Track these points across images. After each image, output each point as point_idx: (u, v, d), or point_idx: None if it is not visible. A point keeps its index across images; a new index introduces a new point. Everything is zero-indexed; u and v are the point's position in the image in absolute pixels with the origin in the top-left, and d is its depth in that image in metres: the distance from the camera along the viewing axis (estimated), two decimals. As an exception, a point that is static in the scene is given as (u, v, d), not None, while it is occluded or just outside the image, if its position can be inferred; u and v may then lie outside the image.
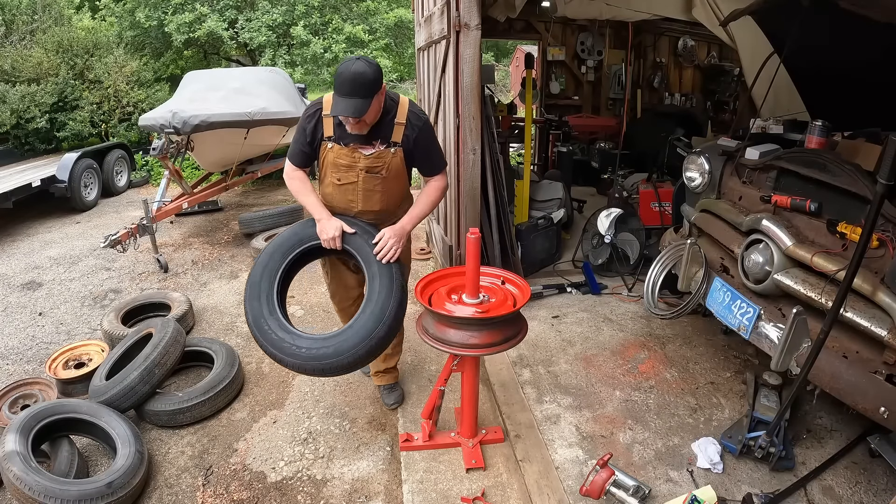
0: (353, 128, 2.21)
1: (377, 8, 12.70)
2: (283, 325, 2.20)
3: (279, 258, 2.33)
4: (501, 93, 20.40)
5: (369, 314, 2.19)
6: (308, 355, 2.13)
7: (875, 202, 1.62)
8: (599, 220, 4.27)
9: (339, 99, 2.10)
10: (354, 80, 2.06)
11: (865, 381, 1.90)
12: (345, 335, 2.16)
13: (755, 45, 3.72)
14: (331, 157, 2.32)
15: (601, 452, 2.36)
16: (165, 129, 4.92)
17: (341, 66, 2.11)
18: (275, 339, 2.17)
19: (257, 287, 2.26)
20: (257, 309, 2.22)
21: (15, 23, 9.36)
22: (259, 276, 2.29)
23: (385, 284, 2.23)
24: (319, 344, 2.15)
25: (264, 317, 2.21)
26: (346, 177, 2.34)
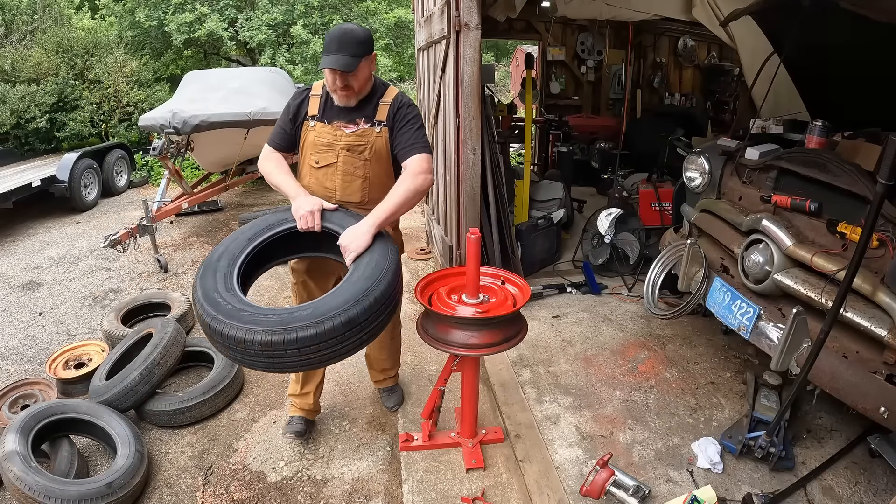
0: (340, 96, 2.11)
1: (377, 8, 12.70)
2: (242, 300, 1.82)
3: (244, 241, 2.04)
4: (501, 93, 20.40)
5: (357, 278, 1.86)
6: (276, 322, 1.70)
7: (875, 202, 1.62)
8: (599, 220, 4.27)
9: (327, 56, 2.01)
10: (343, 37, 1.99)
11: (865, 381, 1.89)
12: (325, 298, 1.81)
13: (755, 45, 3.72)
14: (311, 138, 2.19)
15: (601, 452, 2.36)
16: (165, 129, 4.93)
17: (332, 27, 2.08)
18: (230, 308, 1.75)
19: (213, 266, 1.93)
20: (210, 284, 1.85)
21: (15, 23, 9.37)
22: (217, 256, 1.98)
23: (376, 254, 1.95)
24: (291, 312, 1.76)
25: (218, 290, 1.82)
26: (325, 157, 2.19)
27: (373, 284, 1.83)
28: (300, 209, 2.05)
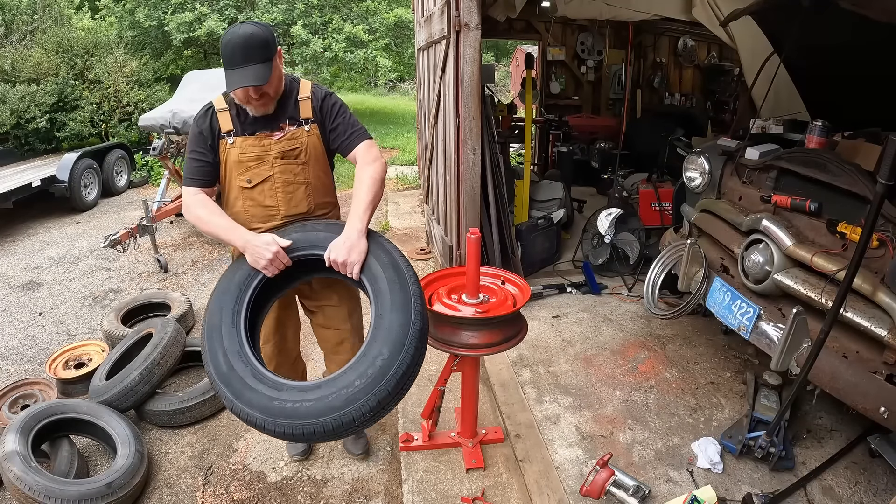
0: (257, 106, 1.86)
1: (377, 8, 12.71)
2: (256, 372, 1.66)
3: (235, 291, 1.81)
4: (501, 93, 20.41)
5: (387, 327, 1.64)
6: (294, 412, 1.54)
7: (875, 202, 1.62)
8: (599, 220, 4.27)
9: (233, 72, 1.75)
10: (247, 44, 1.73)
11: (865, 381, 1.89)
12: (351, 370, 1.60)
13: (755, 45, 3.72)
14: (234, 156, 1.91)
15: (601, 452, 2.36)
16: (165, 129, 4.93)
17: (226, 34, 1.77)
18: (247, 391, 1.62)
19: (217, 327, 1.76)
20: (219, 355, 1.72)
21: (15, 23, 9.37)
22: (217, 314, 1.79)
23: (390, 271, 1.76)
24: (317, 393, 1.58)
25: (229, 359, 1.70)
26: (258, 173, 1.93)
27: (411, 323, 1.64)
28: (259, 258, 1.78)
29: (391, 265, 1.77)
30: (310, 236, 1.85)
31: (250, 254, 1.80)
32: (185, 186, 1.95)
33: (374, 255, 1.79)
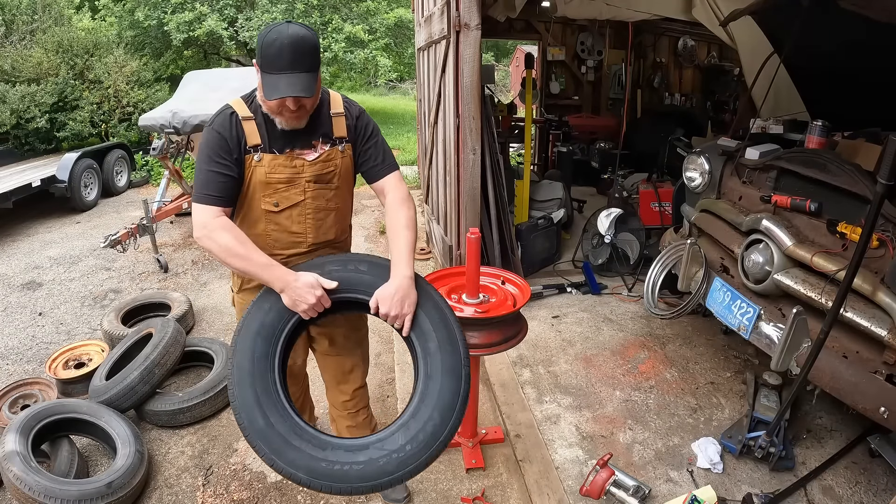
0: (289, 119, 1.62)
1: (377, 8, 12.71)
2: (295, 426, 1.53)
3: (264, 341, 1.59)
4: (501, 93, 20.41)
5: (440, 392, 1.55)
6: (343, 475, 1.46)
7: (875, 202, 1.62)
8: (599, 220, 4.27)
9: (278, 77, 1.51)
10: (297, 48, 1.50)
11: (865, 381, 1.90)
12: (399, 434, 1.52)
13: (755, 45, 3.72)
14: (260, 175, 1.66)
15: (601, 452, 2.36)
16: (165, 129, 4.93)
17: (270, 32, 1.52)
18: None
19: (248, 378, 1.55)
20: (253, 408, 1.52)
21: (15, 23, 9.37)
22: (249, 364, 1.57)
23: (442, 329, 1.63)
24: (366, 454, 1.49)
25: (265, 413, 1.52)
26: (288, 197, 1.71)
27: (461, 388, 1.58)
28: (300, 302, 1.56)
29: (442, 323, 1.64)
30: (353, 278, 1.65)
31: (290, 296, 1.57)
32: (200, 204, 1.60)
33: (424, 308, 1.66)
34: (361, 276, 1.66)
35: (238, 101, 1.70)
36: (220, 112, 1.68)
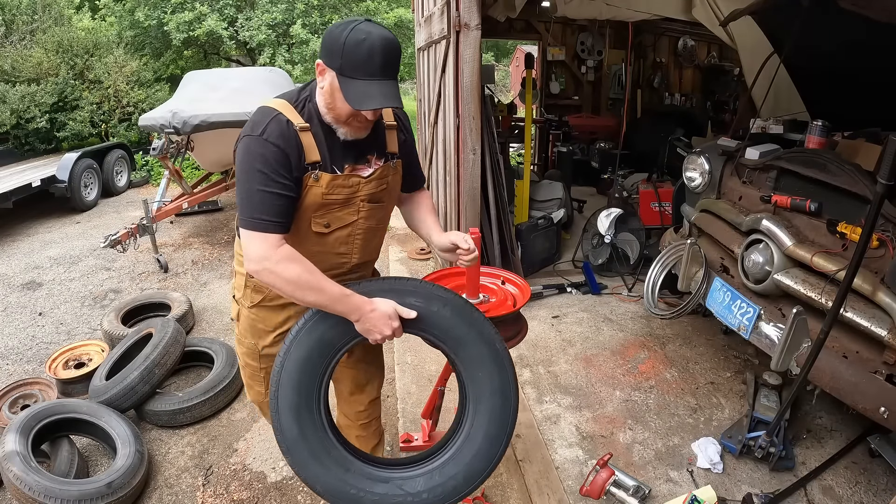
0: (357, 130, 1.47)
1: (377, 8, 12.70)
2: (367, 472, 1.54)
3: (311, 368, 1.52)
4: (501, 93, 20.42)
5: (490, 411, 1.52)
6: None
7: (875, 202, 1.62)
8: (599, 220, 4.28)
9: (367, 84, 1.33)
10: (389, 51, 1.34)
11: (865, 381, 1.90)
12: (450, 463, 1.53)
13: (755, 45, 3.72)
14: (316, 196, 1.47)
15: (601, 452, 2.36)
16: (165, 129, 4.92)
17: (353, 31, 1.32)
18: (375, 499, 1.51)
19: (295, 410, 1.52)
20: (320, 472, 1.51)
21: (15, 23, 9.37)
22: (294, 393, 1.52)
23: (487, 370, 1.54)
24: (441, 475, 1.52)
25: (341, 479, 1.51)
26: (341, 218, 1.55)
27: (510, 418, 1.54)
28: (374, 332, 1.46)
29: (501, 380, 1.54)
30: (432, 317, 1.51)
31: (364, 325, 1.45)
32: (256, 232, 1.39)
33: (480, 353, 1.58)
34: (441, 320, 1.51)
35: (284, 103, 1.45)
36: (270, 118, 1.41)
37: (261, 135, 1.39)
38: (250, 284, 1.67)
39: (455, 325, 1.51)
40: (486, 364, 1.52)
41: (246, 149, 1.42)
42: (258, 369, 1.82)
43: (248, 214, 1.40)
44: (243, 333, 1.79)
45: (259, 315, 1.72)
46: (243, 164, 1.42)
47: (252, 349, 1.78)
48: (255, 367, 1.82)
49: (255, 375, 1.85)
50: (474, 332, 1.52)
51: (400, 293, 1.50)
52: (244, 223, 1.41)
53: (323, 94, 1.42)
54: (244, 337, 1.79)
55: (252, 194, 1.40)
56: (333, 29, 1.37)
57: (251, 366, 1.83)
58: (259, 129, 1.40)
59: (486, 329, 1.53)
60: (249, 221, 1.40)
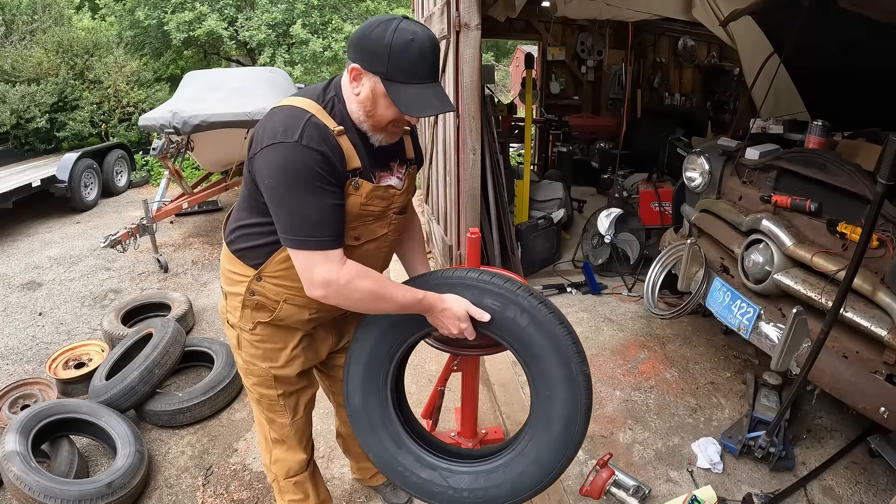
0: (393, 136, 1.39)
1: (377, 8, 12.69)
2: (418, 455, 1.57)
3: (379, 362, 1.55)
4: (501, 93, 20.41)
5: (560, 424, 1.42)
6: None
7: (875, 202, 1.62)
8: (599, 220, 4.28)
9: (420, 88, 1.25)
10: (436, 53, 1.27)
11: (865, 381, 1.90)
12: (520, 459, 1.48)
13: (755, 45, 3.72)
14: (354, 205, 1.35)
15: (601, 452, 2.36)
16: (165, 129, 4.92)
17: (399, 31, 1.21)
18: (418, 482, 1.55)
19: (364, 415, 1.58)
20: (377, 445, 1.59)
21: (15, 23, 9.37)
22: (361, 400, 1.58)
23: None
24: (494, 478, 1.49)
25: (392, 454, 1.58)
26: (373, 230, 1.45)
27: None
28: (442, 328, 1.42)
29: (571, 392, 1.45)
30: (508, 325, 1.42)
31: (435, 322, 1.42)
32: (316, 251, 1.27)
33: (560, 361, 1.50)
34: (516, 328, 1.41)
35: (311, 104, 1.30)
36: (305, 121, 1.25)
37: (299, 140, 1.22)
38: (249, 304, 1.50)
39: (531, 337, 1.40)
40: (556, 387, 1.41)
41: (282, 158, 1.23)
42: (276, 397, 1.63)
43: (300, 234, 1.26)
44: (250, 360, 1.59)
45: (266, 334, 1.56)
46: (282, 176, 1.24)
47: (264, 375, 1.60)
48: (272, 396, 1.63)
49: (275, 405, 1.65)
50: (552, 349, 1.39)
51: (480, 290, 1.41)
52: (297, 244, 1.27)
53: (360, 100, 1.30)
54: (252, 364, 1.59)
55: (302, 210, 1.25)
56: (371, 30, 1.23)
57: (267, 396, 1.63)
58: (294, 133, 1.23)
59: (567, 348, 1.39)
60: (304, 241, 1.27)
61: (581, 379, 1.39)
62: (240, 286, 1.50)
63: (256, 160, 1.29)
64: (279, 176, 1.25)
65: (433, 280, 1.48)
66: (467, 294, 1.42)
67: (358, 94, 1.30)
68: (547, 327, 1.40)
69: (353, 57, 1.27)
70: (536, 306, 1.40)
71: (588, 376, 1.41)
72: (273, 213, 1.31)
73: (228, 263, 1.54)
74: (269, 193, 1.28)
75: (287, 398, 1.65)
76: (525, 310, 1.39)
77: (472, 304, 1.40)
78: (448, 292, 1.42)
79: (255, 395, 1.66)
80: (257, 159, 1.28)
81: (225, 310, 1.60)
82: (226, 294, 1.58)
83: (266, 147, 1.26)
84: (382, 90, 1.25)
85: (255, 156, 1.29)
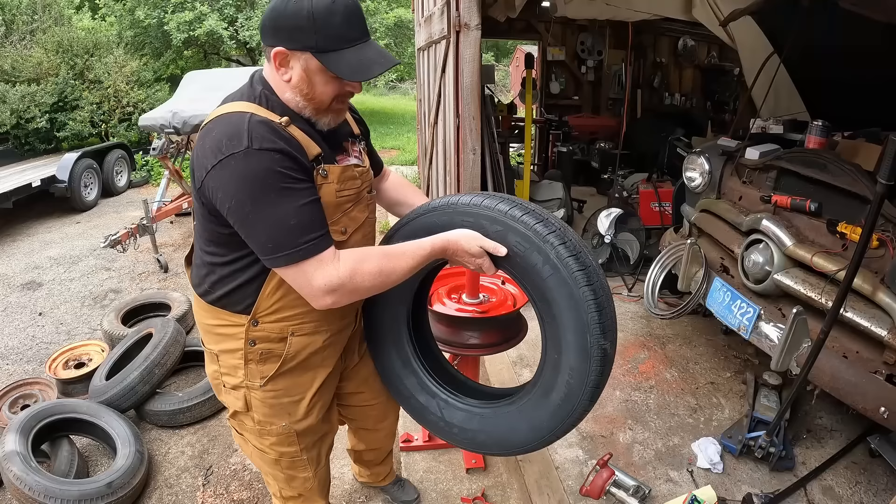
0: (339, 113, 1.27)
1: (377, 8, 12.70)
2: (420, 379, 1.55)
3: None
4: (501, 93, 20.42)
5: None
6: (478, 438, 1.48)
7: (875, 202, 1.62)
8: (599, 220, 4.27)
9: (358, 49, 1.14)
10: (360, 9, 1.17)
11: (865, 381, 1.90)
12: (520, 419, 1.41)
13: (755, 45, 3.72)
14: (329, 195, 1.24)
15: (601, 452, 2.36)
16: (165, 129, 4.93)
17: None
18: (416, 405, 1.57)
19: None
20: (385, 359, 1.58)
21: (15, 23, 9.37)
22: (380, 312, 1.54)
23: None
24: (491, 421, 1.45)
25: (396, 371, 1.57)
26: (355, 217, 1.34)
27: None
28: (462, 264, 1.31)
29: (581, 341, 1.34)
30: (528, 268, 1.27)
31: (453, 261, 1.32)
32: (310, 259, 1.14)
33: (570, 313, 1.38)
34: (538, 278, 1.27)
35: (247, 104, 1.18)
36: (247, 123, 1.12)
37: (249, 145, 1.09)
38: (253, 357, 1.33)
39: (551, 293, 1.26)
40: (566, 353, 1.28)
41: (237, 172, 1.09)
42: (299, 451, 1.47)
43: (284, 248, 1.12)
44: (266, 421, 1.41)
45: (282, 386, 1.38)
46: (243, 192, 1.10)
47: (284, 433, 1.42)
48: (293, 453, 1.47)
49: (298, 461, 1.49)
50: (571, 313, 1.24)
51: (506, 229, 1.26)
52: (284, 261, 1.14)
53: (293, 86, 1.18)
54: (269, 424, 1.41)
55: (277, 221, 1.11)
56: (284, 6, 1.10)
57: (289, 453, 1.47)
58: (240, 140, 1.09)
59: (587, 315, 1.24)
60: (291, 255, 1.13)
61: (596, 352, 1.25)
62: (233, 341, 1.33)
63: (206, 186, 1.13)
64: (239, 193, 1.10)
65: (458, 207, 1.30)
66: (492, 230, 1.26)
67: (289, 80, 1.17)
68: (569, 287, 1.22)
69: (272, 41, 1.15)
70: (565, 259, 1.21)
71: (605, 351, 1.27)
72: (245, 237, 1.16)
73: (209, 317, 1.35)
74: (235, 217, 1.13)
75: (310, 450, 1.50)
76: (549, 261, 1.22)
77: (484, 237, 1.26)
78: (471, 225, 1.28)
79: (271, 456, 1.46)
80: (207, 184, 1.13)
81: (218, 374, 1.40)
82: (216, 355, 1.39)
83: (214, 167, 1.10)
84: (316, 65, 1.14)
85: (204, 182, 1.13)
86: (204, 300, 1.35)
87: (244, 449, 1.54)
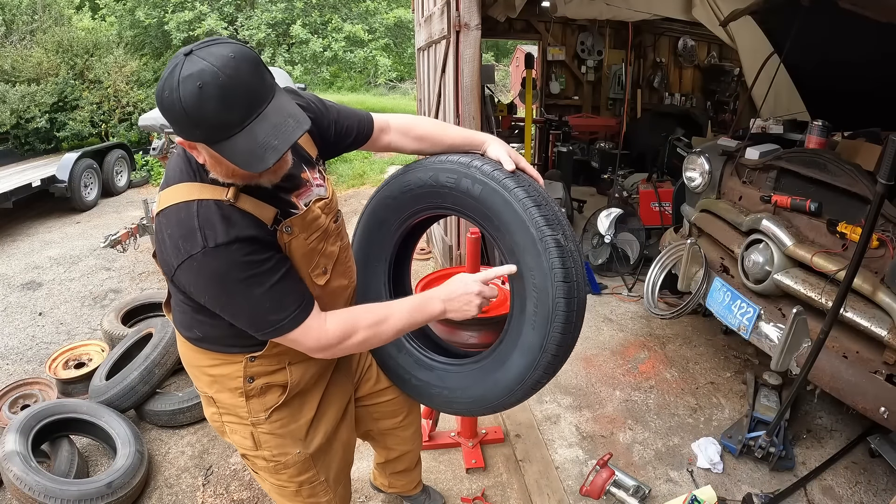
0: (279, 170, 1.13)
1: (377, 8, 12.70)
2: (419, 360, 1.59)
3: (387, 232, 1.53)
4: (501, 93, 20.41)
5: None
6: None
7: (875, 202, 1.62)
8: (599, 220, 4.28)
9: (248, 132, 0.98)
10: (244, 77, 0.97)
11: (865, 381, 1.90)
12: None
13: (755, 45, 3.72)
14: (300, 246, 1.20)
15: (601, 452, 2.37)
16: (165, 129, 4.93)
17: (182, 84, 0.94)
18: (391, 364, 1.62)
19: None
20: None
21: (15, 23, 9.37)
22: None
23: None
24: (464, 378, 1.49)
25: (394, 357, 1.65)
26: (330, 253, 1.30)
27: None
28: (470, 309, 1.28)
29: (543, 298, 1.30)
30: (466, 201, 1.33)
31: (461, 303, 1.27)
32: (297, 328, 1.15)
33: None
34: (471, 200, 1.32)
35: (191, 186, 1.11)
36: (195, 218, 1.07)
37: (205, 245, 1.05)
38: (254, 392, 1.29)
39: (490, 209, 1.29)
40: (521, 255, 1.27)
41: (202, 273, 1.08)
42: (317, 474, 1.44)
43: (269, 325, 1.13)
44: (279, 454, 1.37)
45: (287, 414, 1.35)
46: (215, 288, 1.10)
47: (301, 460, 1.39)
48: (312, 478, 1.43)
49: (318, 486, 1.45)
50: (509, 216, 1.26)
51: (436, 171, 1.38)
52: (271, 334, 1.16)
53: (210, 167, 1.08)
54: (283, 456, 1.37)
55: (255, 306, 1.11)
56: (162, 95, 0.98)
57: (307, 480, 1.43)
58: (195, 240, 1.06)
59: (529, 209, 1.24)
60: (277, 329, 1.14)
61: (550, 244, 1.22)
62: (230, 381, 1.28)
63: (178, 279, 1.12)
64: (210, 289, 1.11)
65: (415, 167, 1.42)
66: (425, 176, 1.37)
67: (204, 163, 1.09)
68: (500, 194, 1.26)
69: (170, 127, 1.09)
70: (490, 173, 1.28)
71: (558, 242, 1.23)
72: (229, 320, 1.16)
73: (200, 359, 1.29)
74: (213, 305, 1.13)
75: (328, 470, 1.47)
76: (477, 179, 1.29)
77: (491, 272, 1.29)
78: (420, 173, 1.38)
79: (291, 489, 1.42)
80: (178, 278, 1.12)
81: (217, 415, 1.35)
82: (212, 399, 1.33)
83: (179, 266, 1.09)
84: (215, 154, 1.02)
85: (174, 277, 1.12)
86: (191, 343, 1.29)
87: (262, 485, 1.50)
